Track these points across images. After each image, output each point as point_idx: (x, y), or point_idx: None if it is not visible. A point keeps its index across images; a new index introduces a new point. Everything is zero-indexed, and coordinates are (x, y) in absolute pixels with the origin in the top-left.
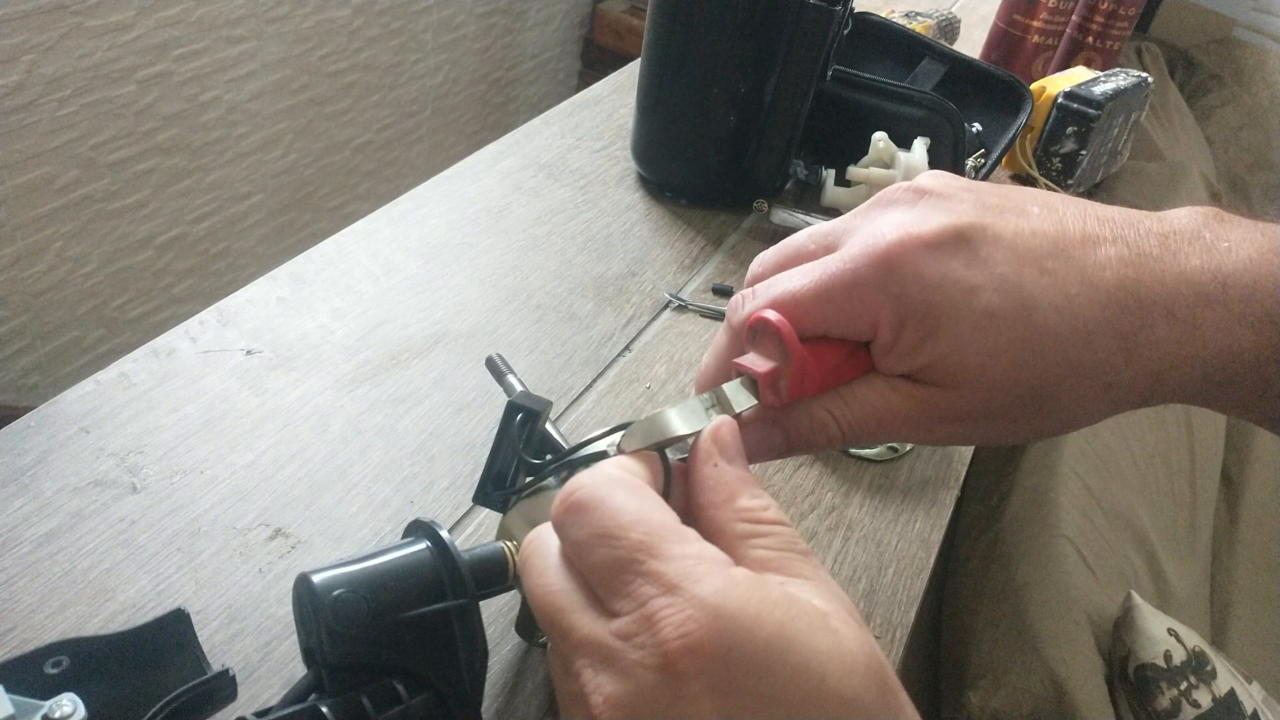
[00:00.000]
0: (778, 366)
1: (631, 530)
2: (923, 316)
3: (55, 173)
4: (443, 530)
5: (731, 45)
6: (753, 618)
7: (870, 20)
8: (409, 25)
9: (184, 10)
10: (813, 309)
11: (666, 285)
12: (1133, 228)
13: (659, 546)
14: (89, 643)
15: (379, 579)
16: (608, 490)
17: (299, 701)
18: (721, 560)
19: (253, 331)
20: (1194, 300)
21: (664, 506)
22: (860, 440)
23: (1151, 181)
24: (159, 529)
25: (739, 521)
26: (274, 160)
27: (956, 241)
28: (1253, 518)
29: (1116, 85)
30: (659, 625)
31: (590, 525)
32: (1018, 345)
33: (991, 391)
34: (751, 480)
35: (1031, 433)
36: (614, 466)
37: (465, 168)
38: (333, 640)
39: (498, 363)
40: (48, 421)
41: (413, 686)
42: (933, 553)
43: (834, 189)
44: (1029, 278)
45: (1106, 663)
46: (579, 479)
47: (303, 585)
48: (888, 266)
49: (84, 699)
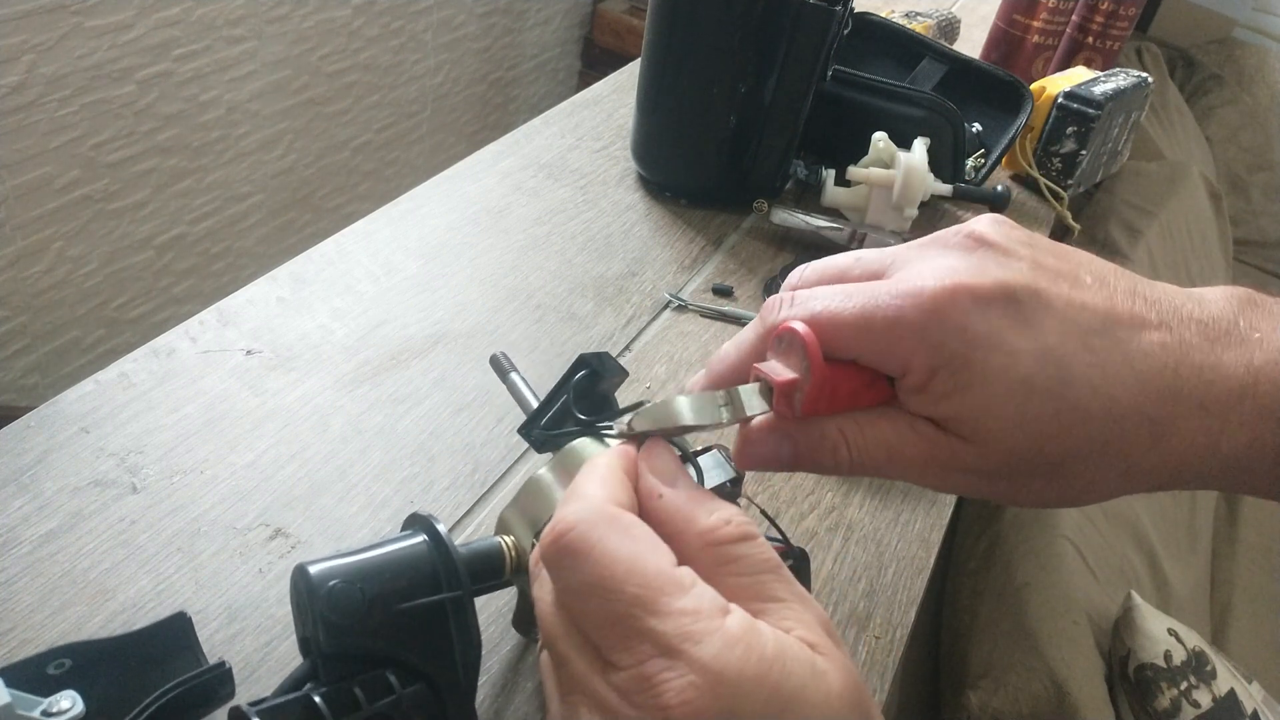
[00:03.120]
0: (797, 379)
1: (626, 584)
2: (959, 369)
3: (55, 173)
4: (439, 524)
5: (731, 45)
6: (752, 680)
7: (870, 20)
8: (409, 25)
9: (184, 10)
10: (847, 333)
11: (666, 285)
12: (1175, 313)
13: (655, 602)
14: (91, 645)
15: (375, 571)
16: (600, 534)
17: (294, 690)
18: (718, 610)
19: (253, 331)
20: (1226, 395)
21: (657, 547)
22: (865, 470)
23: (1151, 181)
24: (159, 529)
25: (704, 548)
26: (274, 160)
27: (1007, 301)
28: (1253, 518)
29: (1116, 85)
30: (659, 690)
31: (583, 574)
32: (1048, 418)
33: (1011, 456)
34: (701, 495)
35: (1038, 499)
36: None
37: (465, 168)
38: (328, 630)
39: (501, 361)
40: (48, 421)
41: (405, 678)
42: (933, 553)
43: (834, 189)
44: (1072, 352)
45: (1106, 663)
46: (568, 517)
47: (299, 575)
48: (933, 311)
49: (85, 698)
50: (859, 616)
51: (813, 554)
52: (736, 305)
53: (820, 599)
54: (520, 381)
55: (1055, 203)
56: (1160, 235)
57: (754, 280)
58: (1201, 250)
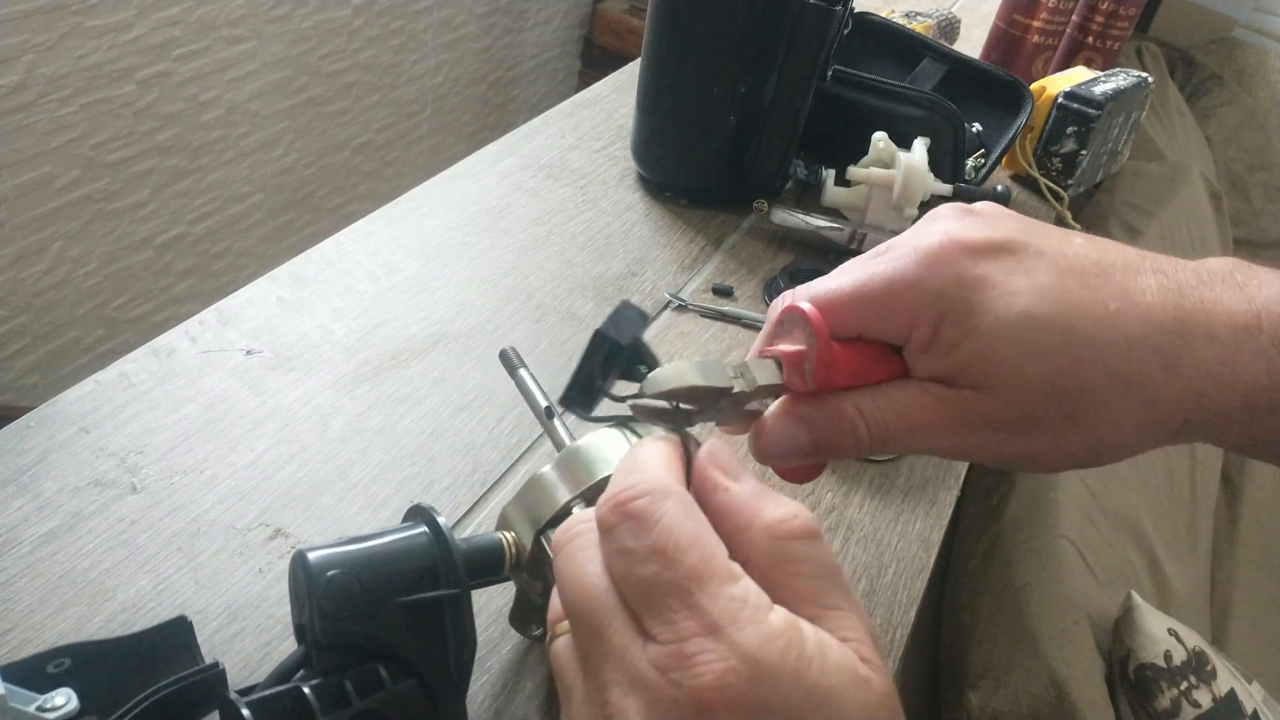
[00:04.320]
0: (804, 349)
1: (688, 554)
2: (961, 314)
3: (55, 173)
4: (440, 517)
5: (731, 45)
6: (790, 674)
7: (870, 20)
8: (409, 25)
9: (184, 10)
10: (849, 305)
11: (666, 285)
12: (1170, 263)
13: (709, 580)
14: (91, 646)
15: (374, 562)
16: (669, 505)
17: (286, 678)
18: (764, 605)
19: (253, 331)
20: (1232, 326)
21: (712, 531)
22: (888, 444)
23: (1151, 181)
24: (159, 529)
25: (770, 541)
26: (274, 160)
27: (999, 250)
28: (1253, 518)
29: (1116, 85)
30: (698, 669)
31: (647, 538)
32: (1056, 350)
33: (1027, 395)
34: (769, 492)
35: (1068, 453)
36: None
37: (465, 168)
38: (323, 620)
39: (511, 356)
40: (47, 421)
41: (397, 672)
42: (933, 553)
43: (834, 189)
44: (1070, 288)
45: (1107, 663)
46: (639, 485)
47: (299, 562)
48: (929, 264)
49: (82, 697)
50: None
51: None
52: (737, 305)
53: None
54: (529, 378)
55: (1055, 203)
56: (1160, 235)
57: (754, 280)
58: (1202, 250)
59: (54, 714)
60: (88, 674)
